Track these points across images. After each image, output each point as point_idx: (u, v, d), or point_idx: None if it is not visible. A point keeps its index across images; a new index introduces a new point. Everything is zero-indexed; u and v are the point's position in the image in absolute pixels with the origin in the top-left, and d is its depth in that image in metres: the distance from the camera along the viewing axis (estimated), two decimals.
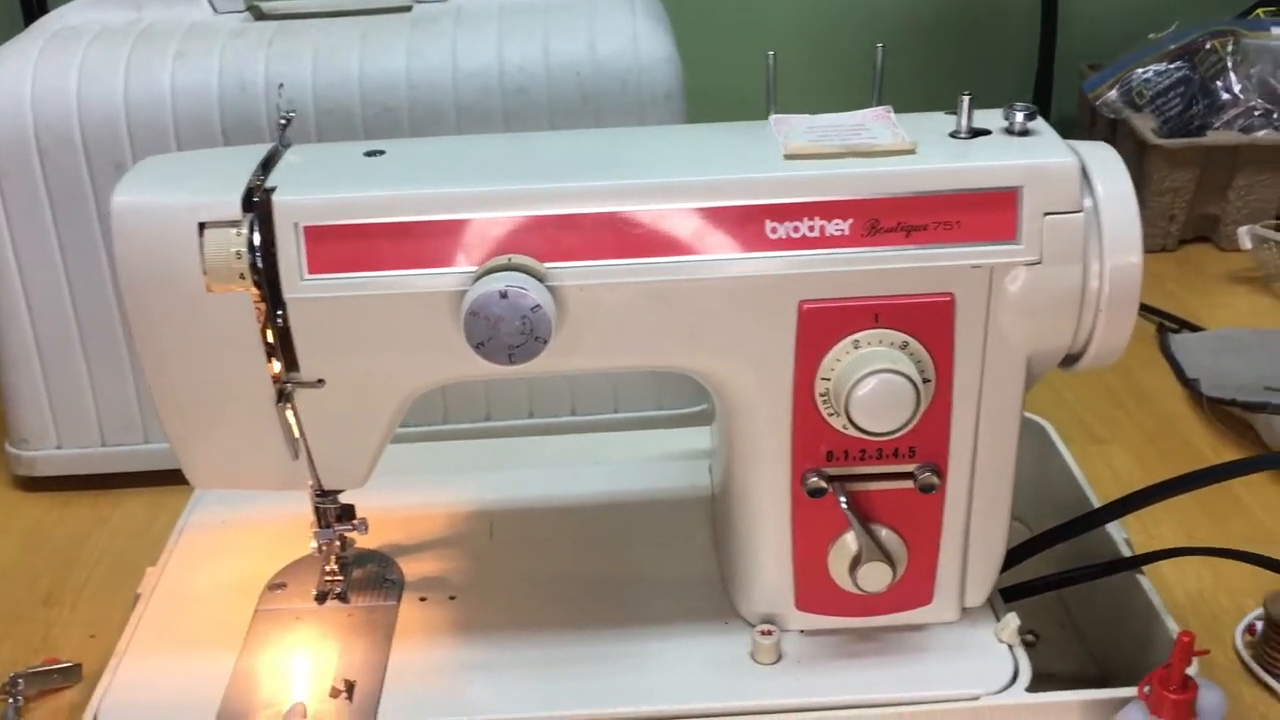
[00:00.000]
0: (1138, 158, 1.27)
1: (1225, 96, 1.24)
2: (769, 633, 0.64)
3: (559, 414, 0.95)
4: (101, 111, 0.85)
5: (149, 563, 0.76)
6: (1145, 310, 1.16)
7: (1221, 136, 1.23)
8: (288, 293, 0.57)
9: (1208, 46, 1.26)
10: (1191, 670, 0.60)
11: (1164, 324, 1.13)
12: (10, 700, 0.73)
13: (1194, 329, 1.12)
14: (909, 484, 0.61)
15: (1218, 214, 1.27)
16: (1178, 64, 1.27)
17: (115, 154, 0.86)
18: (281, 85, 0.86)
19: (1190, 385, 1.02)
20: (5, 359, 0.91)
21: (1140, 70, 1.28)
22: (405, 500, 0.76)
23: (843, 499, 0.61)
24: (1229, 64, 1.25)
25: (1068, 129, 0.62)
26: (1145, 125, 1.25)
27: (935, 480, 0.61)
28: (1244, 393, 0.97)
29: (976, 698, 0.61)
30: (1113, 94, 1.30)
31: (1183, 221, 1.27)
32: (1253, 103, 1.23)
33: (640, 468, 0.80)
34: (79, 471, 0.93)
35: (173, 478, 0.90)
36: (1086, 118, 1.37)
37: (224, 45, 0.87)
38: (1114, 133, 1.32)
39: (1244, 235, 1.19)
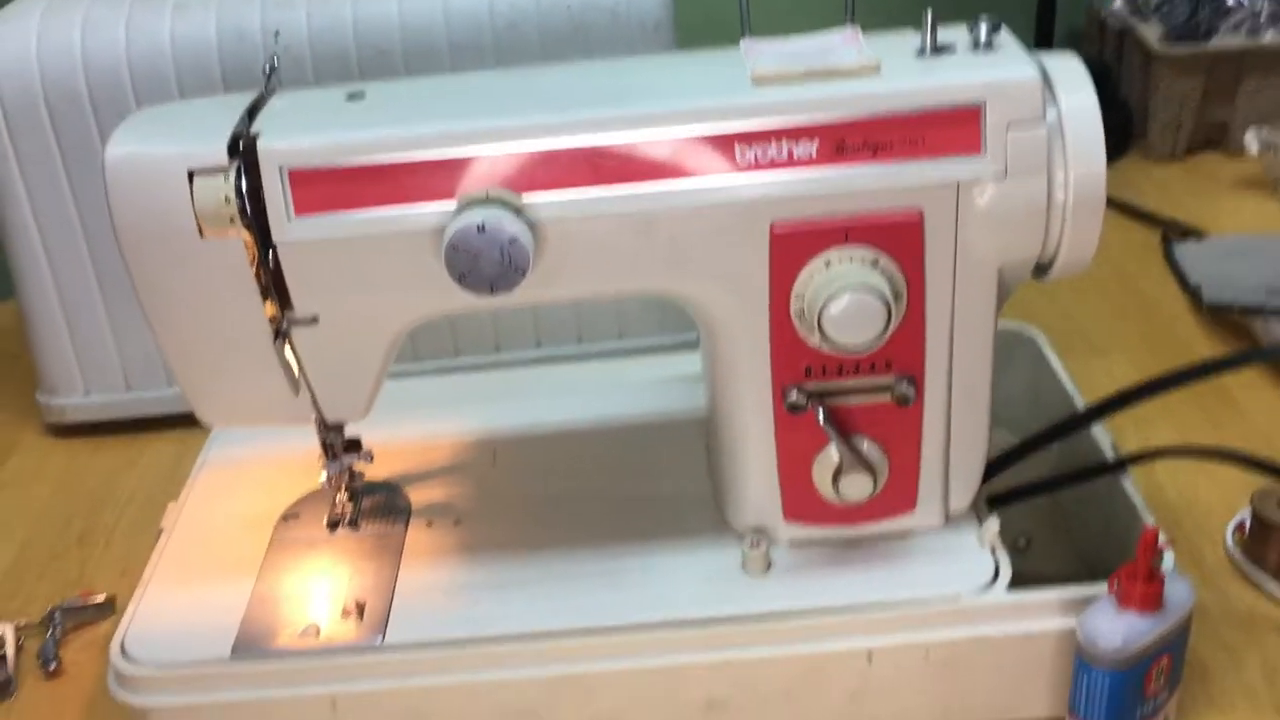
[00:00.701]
0: (1144, 67, 1.26)
1: (1230, 1, 1.23)
2: (758, 544, 0.66)
3: (565, 344, 0.98)
4: (105, 65, 0.88)
5: (173, 500, 0.80)
6: (1150, 218, 1.16)
7: (1227, 41, 1.22)
8: (277, 235, 0.59)
9: None
10: (1168, 564, 0.62)
11: (1168, 232, 1.13)
12: (49, 632, 0.77)
13: (1200, 236, 1.12)
14: (886, 397, 0.63)
15: (1226, 120, 1.26)
16: None
17: (121, 106, 0.88)
18: (278, 33, 0.88)
19: (1192, 292, 1.03)
20: (30, 312, 0.94)
21: None
22: (412, 432, 0.79)
23: (820, 412, 0.63)
24: None
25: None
26: (1151, 34, 1.24)
27: (910, 392, 0.63)
28: (1244, 296, 0.98)
29: (958, 597, 0.63)
30: (1118, 3, 1.29)
31: (1190, 129, 1.26)
32: (1258, 6, 1.22)
33: (640, 392, 0.82)
34: (106, 418, 0.97)
35: (197, 420, 0.94)
36: (1095, 29, 1.36)
37: None
38: (1121, 43, 1.31)
39: (1250, 139, 1.18)
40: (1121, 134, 1.28)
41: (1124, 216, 1.17)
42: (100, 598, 0.79)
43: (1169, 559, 0.62)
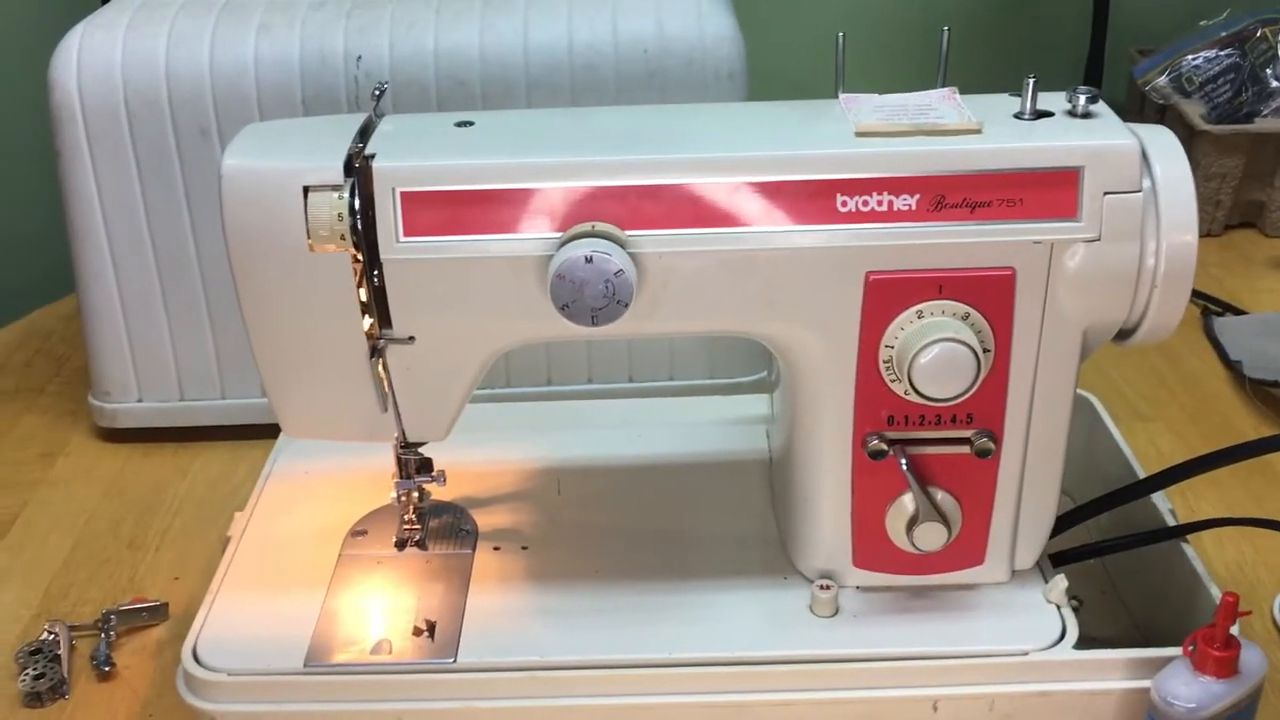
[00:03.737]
0: (1186, 143, 1.26)
1: (1274, 84, 1.26)
2: (828, 587, 0.67)
3: (617, 380, 0.98)
4: (188, 79, 0.89)
5: (227, 511, 0.80)
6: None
7: (1269, 124, 1.24)
8: (384, 254, 0.61)
9: (1258, 34, 1.27)
10: (1234, 630, 0.63)
11: (1208, 307, 1.15)
12: (102, 635, 0.77)
13: (1238, 312, 1.14)
14: (966, 449, 0.64)
15: (1264, 200, 1.28)
16: (1228, 51, 1.28)
17: (200, 120, 0.90)
18: (360, 58, 0.90)
19: (1233, 366, 1.04)
20: (91, 314, 0.95)
21: (1190, 57, 1.29)
22: (476, 456, 0.79)
23: (903, 461, 0.64)
24: (1279, 52, 1.26)
25: (1117, 114, 0.64)
26: (1194, 111, 1.27)
27: (991, 445, 0.64)
28: None
29: (1025, 653, 0.64)
30: (1162, 80, 1.32)
31: (1229, 207, 1.28)
32: None
33: (700, 431, 0.83)
34: (159, 424, 0.98)
35: (248, 432, 0.95)
36: (1136, 103, 1.38)
37: (305, 18, 0.91)
38: (1163, 118, 1.33)
39: None
40: None
41: None
42: (154, 602, 0.79)
43: (1237, 626, 0.63)
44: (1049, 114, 0.63)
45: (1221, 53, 1.28)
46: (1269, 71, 1.27)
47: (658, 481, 0.78)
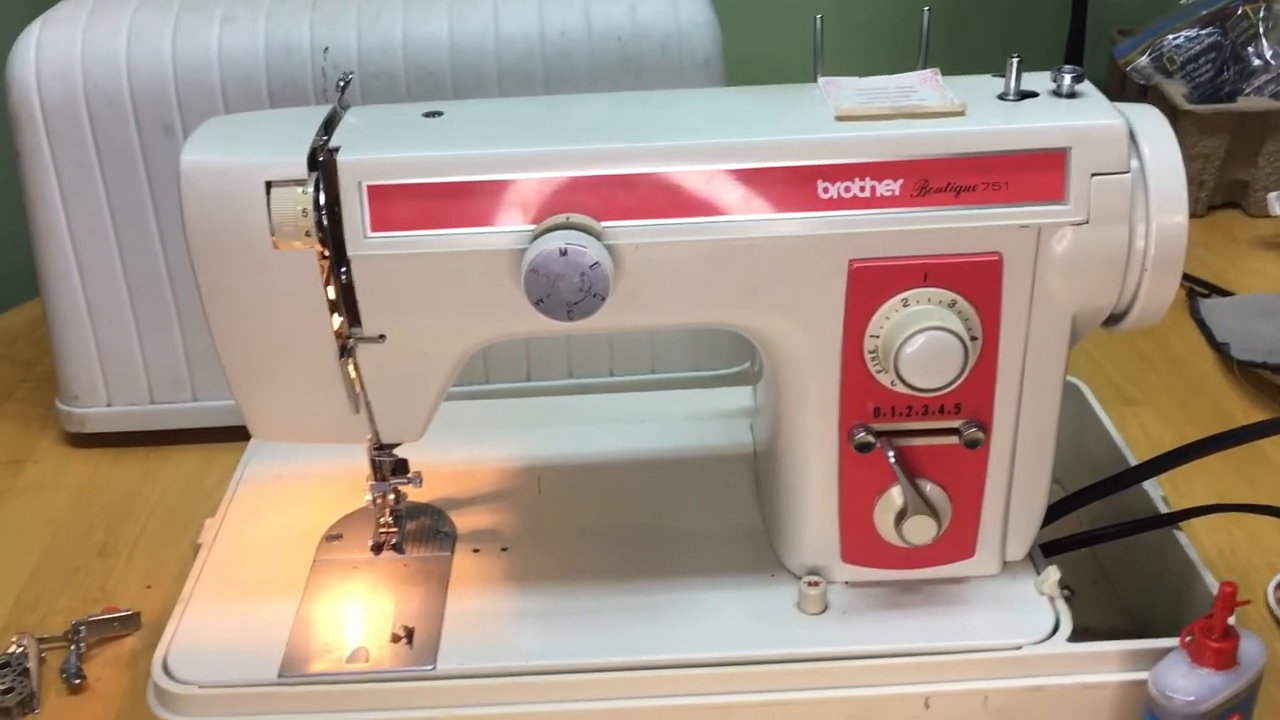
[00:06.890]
0: (1168, 123, 1.27)
1: (1256, 63, 1.24)
2: (816, 584, 0.66)
3: (598, 374, 0.97)
4: (150, 74, 0.87)
5: (200, 516, 0.78)
6: None
7: (1252, 103, 1.23)
8: (351, 250, 0.59)
9: (1239, 12, 1.26)
10: (1231, 621, 0.61)
11: (1194, 288, 1.14)
12: (72, 647, 0.75)
13: (1223, 294, 1.13)
14: (954, 439, 0.63)
15: (1247, 180, 1.27)
16: (1209, 30, 1.27)
17: (163, 116, 0.87)
18: (326, 49, 0.87)
19: (1220, 349, 1.03)
20: (56, 317, 0.93)
21: (1171, 36, 1.28)
22: (453, 455, 0.78)
23: (890, 454, 0.62)
24: (1260, 30, 1.25)
25: None
26: (1176, 91, 1.25)
27: (980, 435, 0.62)
28: (1275, 356, 0.99)
29: (1019, 647, 0.63)
30: (1143, 60, 1.30)
31: (1212, 187, 1.27)
32: None
33: (682, 425, 0.81)
34: (128, 429, 0.95)
35: (220, 435, 0.93)
36: (1117, 83, 1.37)
37: (269, 9, 0.89)
38: (1144, 98, 1.32)
39: (1274, 201, 1.19)
40: None
41: None
42: (125, 612, 0.77)
43: (1234, 616, 0.62)
44: (1033, 94, 0.61)
45: (1202, 31, 1.27)
46: (1250, 50, 1.25)
47: (640, 478, 0.77)
